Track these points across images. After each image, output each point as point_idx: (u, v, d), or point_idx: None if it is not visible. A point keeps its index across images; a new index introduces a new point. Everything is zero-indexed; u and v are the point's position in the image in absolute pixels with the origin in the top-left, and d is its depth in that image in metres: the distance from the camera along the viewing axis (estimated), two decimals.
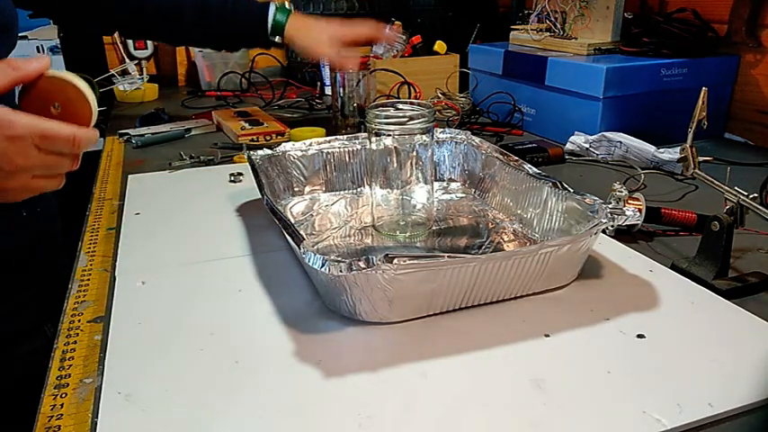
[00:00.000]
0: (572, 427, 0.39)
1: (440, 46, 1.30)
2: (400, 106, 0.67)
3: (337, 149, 0.79)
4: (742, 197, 0.57)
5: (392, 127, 0.64)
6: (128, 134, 1.10)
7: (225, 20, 1.02)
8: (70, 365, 0.47)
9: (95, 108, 0.52)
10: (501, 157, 0.73)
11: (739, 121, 1.08)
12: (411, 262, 0.46)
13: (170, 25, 1.02)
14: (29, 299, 0.75)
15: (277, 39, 1.02)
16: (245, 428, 0.40)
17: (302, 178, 0.78)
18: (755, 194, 0.58)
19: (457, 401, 0.42)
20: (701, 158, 0.64)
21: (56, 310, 0.56)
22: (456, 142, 0.82)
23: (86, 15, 1.00)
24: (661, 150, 0.89)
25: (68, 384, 0.44)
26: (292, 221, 0.60)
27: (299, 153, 0.78)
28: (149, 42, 1.62)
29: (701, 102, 0.60)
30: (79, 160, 0.52)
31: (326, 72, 1.39)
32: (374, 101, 1.08)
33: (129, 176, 0.89)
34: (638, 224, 0.65)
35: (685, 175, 0.64)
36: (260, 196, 0.64)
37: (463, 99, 1.26)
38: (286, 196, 0.76)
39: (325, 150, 0.79)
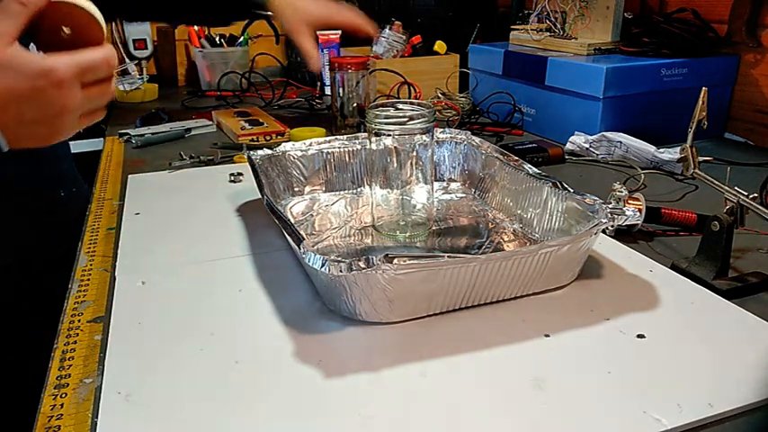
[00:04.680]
0: (572, 427, 0.39)
1: (440, 46, 1.30)
2: (400, 106, 0.67)
3: (337, 149, 0.79)
4: (742, 197, 0.57)
5: (392, 127, 0.64)
6: (128, 134, 1.10)
7: None
8: (70, 365, 0.47)
9: (104, 24, 0.52)
10: (501, 157, 0.73)
11: (739, 121, 1.08)
12: (411, 262, 0.46)
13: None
14: None
15: (261, 11, 1.01)
16: (244, 428, 0.40)
17: (302, 178, 0.78)
18: (755, 194, 0.58)
19: (457, 401, 0.42)
20: (700, 158, 0.64)
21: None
22: (456, 142, 0.82)
23: None
24: (661, 150, 0.89)
25: (68, 384, 0.44)
26: (292, 221, 0.60)
27: (299, 153, 0.78)
28: (149, 42, 1.62)
29: (700, 102, 0.60)
30: (113, 89, 0.52)
31: (326, 72, 1.39)
32: (374, 101, 1.08)
33: (129, 176, 0.89)
34: (638, 224, 0.65)
35: (685, 175, 0.64)
36: (260, 196, 0.64)
37: (463, 99, 1.26)
38: (286, 196, 0.76)
39: (325, 150, 0.79)
